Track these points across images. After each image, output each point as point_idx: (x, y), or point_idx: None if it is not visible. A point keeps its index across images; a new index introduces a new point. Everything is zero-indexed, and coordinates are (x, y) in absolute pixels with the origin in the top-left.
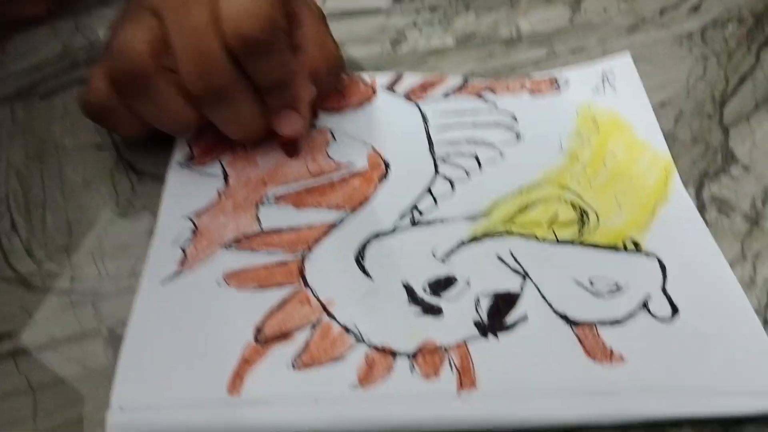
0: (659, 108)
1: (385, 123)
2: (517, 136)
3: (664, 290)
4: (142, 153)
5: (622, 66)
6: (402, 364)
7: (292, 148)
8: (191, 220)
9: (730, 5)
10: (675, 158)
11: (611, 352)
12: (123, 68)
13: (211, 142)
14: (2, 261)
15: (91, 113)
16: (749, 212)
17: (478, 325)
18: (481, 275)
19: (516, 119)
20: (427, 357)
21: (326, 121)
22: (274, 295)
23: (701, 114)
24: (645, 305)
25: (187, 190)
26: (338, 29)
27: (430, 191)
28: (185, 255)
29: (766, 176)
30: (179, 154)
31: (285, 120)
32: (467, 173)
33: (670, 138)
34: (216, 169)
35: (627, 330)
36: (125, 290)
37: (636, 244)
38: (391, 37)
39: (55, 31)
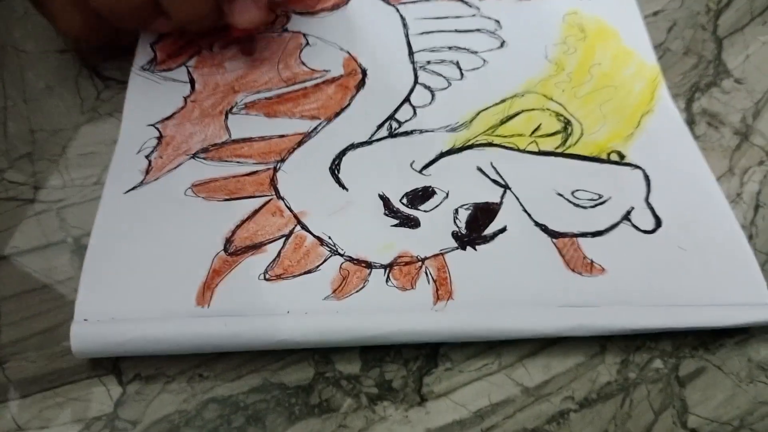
0: (652, 18)
1: (362, 27)
2: (501, 43)
3: (647, 202)
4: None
5: None
6: (377, 275)
7: (248, 45)
8: (156, 128)
9: None
10: (666, 70)
11: (591, 263)
12: None
13: (176, 45)
14: None
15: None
16: (739, 127)
17: (456, 237)
18: (461, 187)
19: (500, 25)
20: (403, 268)
21: (299, 24)
22: (245, 207)
23: (695, 25)
24: (627, 217)
25: (151, 96)
26: None
27: (409, 100)
28: (150, 164)
29: (758, 90)
30: (141, 58)
31: (239, 7)
32: (448, 82)
33: (661, 49)
34: (181, 74)
35: (608, 241)
36: (91, 200)
37: (620, 155)
38: None
39: None
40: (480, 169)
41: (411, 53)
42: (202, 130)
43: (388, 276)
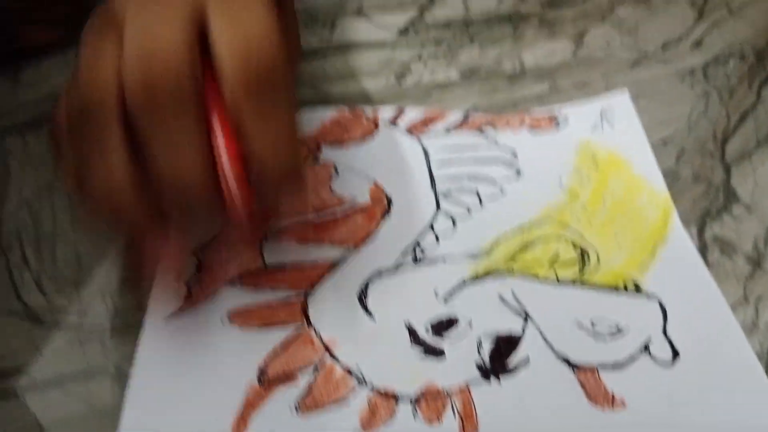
0: (661, 145)
1: (387, 158)
2: (518, 172)
3: (665, 333)
4: None
5: (620, 104)
6: (404, 408)
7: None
8: (195, 254)
9: (731, 41)
10: (677, 197)
11: (613, 397)
12: (82, 100)
13: None
14: (12, 294)
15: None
16: (751, 253)
17: (480, 368)
18: (483, 316)
19: (516, 155)
20: (429, 402)
21: (330, 155)
22: (278, 335)
23: (703, 151)
24: (646, 348)
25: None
26: (344, 62)
27: (432, 228)
28: (189, 291)
29: None
30: None
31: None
32: (468, 210)
33: (671, 176)
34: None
35: (628, 373)
36: (132, 325)
37: (637, 286)
38: (396, 71)
39: (66, 60)
40: (501, 298)
41: (433, 182)
42: (238, 256)
43: (415, 409)
